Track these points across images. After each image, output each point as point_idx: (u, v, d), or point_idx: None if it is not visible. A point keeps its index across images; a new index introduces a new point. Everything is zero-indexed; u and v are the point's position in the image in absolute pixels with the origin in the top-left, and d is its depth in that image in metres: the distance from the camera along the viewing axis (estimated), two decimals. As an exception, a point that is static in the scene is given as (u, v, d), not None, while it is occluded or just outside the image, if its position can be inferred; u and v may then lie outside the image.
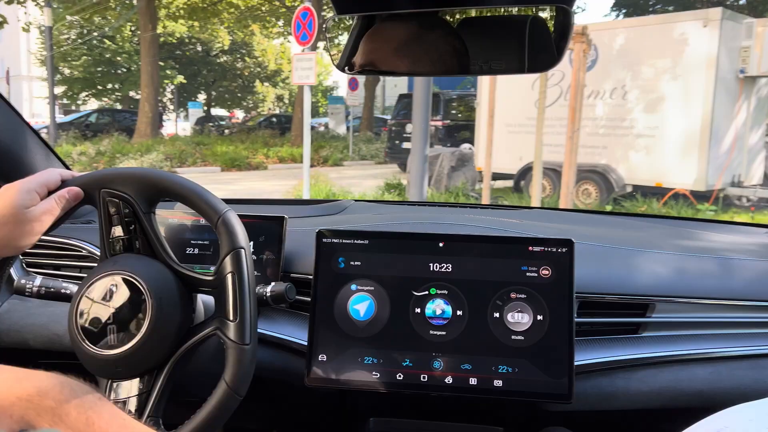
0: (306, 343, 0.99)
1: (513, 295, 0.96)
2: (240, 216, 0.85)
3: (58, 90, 25.76)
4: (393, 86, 31.88)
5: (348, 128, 16.18)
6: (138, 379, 0.81)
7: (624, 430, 1.16)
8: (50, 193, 0.80)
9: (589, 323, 1.00)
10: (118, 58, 23.97)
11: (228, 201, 0.94)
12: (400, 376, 0.96)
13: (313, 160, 13.90)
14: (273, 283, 0.92)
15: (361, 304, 1.00)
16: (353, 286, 1.00)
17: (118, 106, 23.55)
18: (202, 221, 1.04)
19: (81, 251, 1.20)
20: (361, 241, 1.02)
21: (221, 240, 0.80)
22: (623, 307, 1.02)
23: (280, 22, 19.71)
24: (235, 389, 0.78)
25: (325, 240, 1.02)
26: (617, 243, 1.14)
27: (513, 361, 0.94)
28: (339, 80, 33.91)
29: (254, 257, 0.94)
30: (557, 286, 0.96)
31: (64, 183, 0.83)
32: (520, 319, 0.96)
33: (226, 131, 19.55)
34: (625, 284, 1.03)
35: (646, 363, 0.99)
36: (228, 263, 0.81)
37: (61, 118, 20.58)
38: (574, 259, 0.96)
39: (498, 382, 0.94)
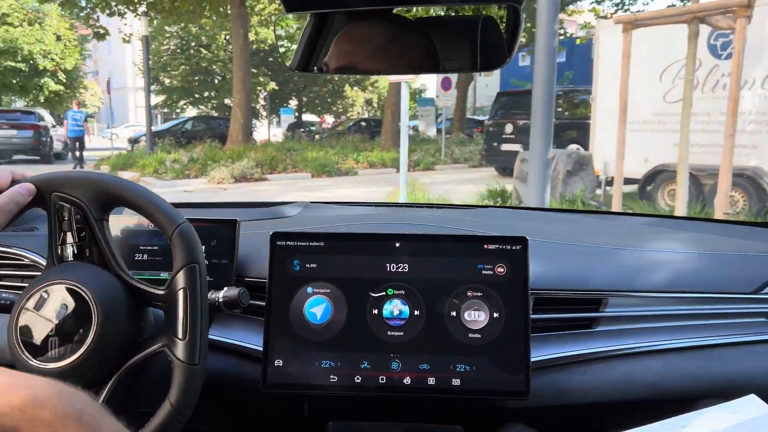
0: (261, 349, 0.96)
1: (469, 294, 0.98)
2: (191, 220, 0.82)
3: (158, 99, 26.31)
4: (484, 86, 30.53)
5: (439, 131, 15.26)
6: None
7: (581, 425, 1.13)
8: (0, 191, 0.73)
9: (544, 319, 1.02)
10: (214, 67, 24.65)
11: (178, 205, 0.95)
12: (358, 378, 0.95)
13: (405, 164, 12.92)
14: (225, 288, 0.90)
15: (317, 307, 0.99)
16: (309, 289, 0.99)
17: (214, 114, 24.09)
18: (152, 226, 0.94)
19: (23, 260, 1.15)
20: (317, 243, 1.01)
21: (175, 253, 0.78)
22: (577, 302, 1.04)
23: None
24: (180, 411, 0.76)
25: (279, 242, 1.00)
26: (571, 240, 1.16)
27: (470, 359, 0.95)
28: (427, 82, 32.94)
29: (206, 262, 0.86)
30: (512, 284, 0.97)
31: (14, 182, 0.78)
32: (476, 317, 0.97)
33: (317, 136, 19.12)
34: (578, 280, 1.05)
35: (600, 357, 1.00)
36: (181, 278, 0.78)
37: (159, 126, 20.76)
38: (528, 256, 0.97)
39: (456, 381, 0.95)
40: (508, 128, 11.47)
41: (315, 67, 0.96)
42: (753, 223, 1.61)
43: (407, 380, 0.96)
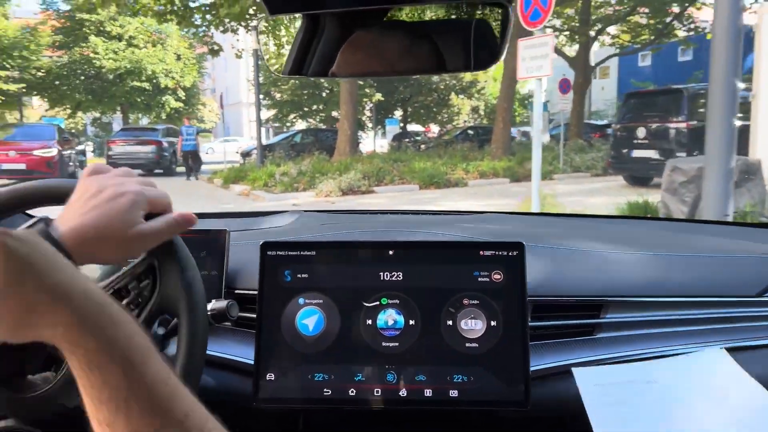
0: (252, 362, 0.94)
1: (465, 302, 0.95)
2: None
3: (270, 113, 26.84)
4: (600, 89, 28.57)
5: (555, 137, 14.13)
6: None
7: None
8: (156, 214, 0.69)
9: (542, 327, 0.99)
10: (322, 80, 24.47)
11: None
12: (352, 391, 0.93)
13: (519, 174, 12.04)
14: (213, 301, 0.88)
15: (309, 319, 0.96)
16: (301, 300, 0.97)
17: (322, 126, 24.69)
18: None
19: None
20: (308, 253, 0.98)
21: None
22: (577, 308, 1.01)
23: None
24: None
25: (269, 252, 0.98)
26: (570, 244, 1.14)
27: (468, 369, 0.93)
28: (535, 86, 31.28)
29: None
30: (510, 290, 0.95)
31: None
32: (473, 325, 0.95)
33: (422, 146, 18.48)
34: (577, 285, 1.03)
35: (601, 365, 0.96)
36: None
37: (269, 139, 21.16)
38: (525, 261, 0.95)
39: (453, 392, 0.93)
40: (640, 132, 10.21)
41: (308, 72, 0.98)
42: (757, 224, 1.44)
43: (403, 392, 0.93)
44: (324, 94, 24.43)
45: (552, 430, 1.05)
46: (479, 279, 0.97)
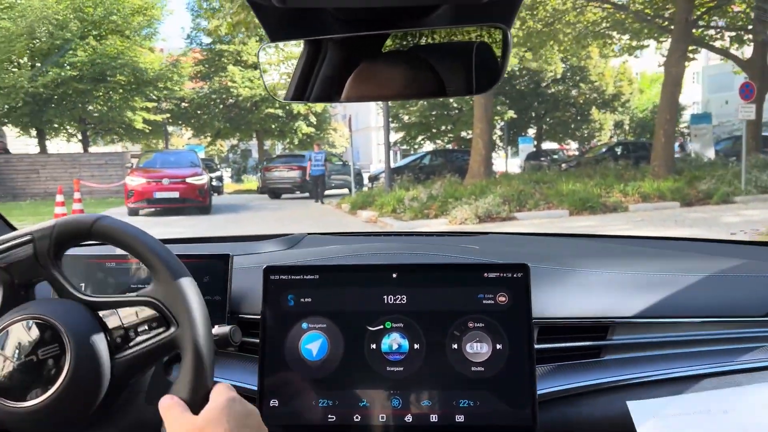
0: (256, 389, 0.95)
1: (471, 325, 0.95)
2: (181, 256, 0.80)
3: (398, 136, 25.96)
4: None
5: (717, 152, 11.63)
6: None
7: None
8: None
9: (549, 349, 0.99)
10: (451, 99, 23.12)
11: (167, 241, 0.99)
12: (357, 417, 0.93)
13: (690, 196, 9.82)
14: (216, 326, 0.85)
15: (313, 344, 0.96)
16: (304, 325, 0.97)
17: (450, 147, 24.25)
18: (132, 264, 1.04)
19: None
20: (311, 276, 0.99)
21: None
22: (583, 330, 1.00)
23: (626, 37, 16.14)
24: None
25: (272, 277, 0.99)
26: (575, 265, 1.13)
27: (474, 393, 0.93)
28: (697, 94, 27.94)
29: None
30: (515, 313, 0.95)
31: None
32: (479, 349, 0.95)
33: (563, 165, 16.42)
34: (583, 307, 1.01)
35: (609, 387, 0.96)
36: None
37: (397, 162, 20.19)
38: (530, 283, 0.95)
39: (460, 417, 0.93)
40: None
41: (309, 97, 0.99)
42: (763, 243, 1.44)
43: (408, 418, 0.93)
44: (452, 114, 23.96)
45: None
46: (484, 301, 0.96)
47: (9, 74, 18.01)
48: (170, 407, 0.69)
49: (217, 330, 0.85)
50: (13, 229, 1.36)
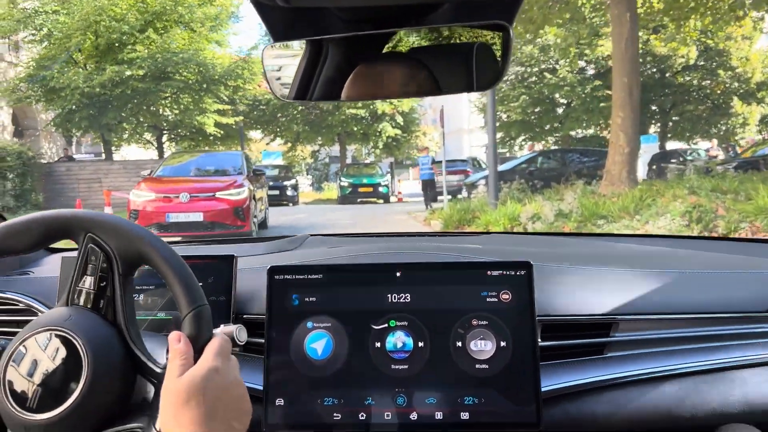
0: (261, 388, 0.97)
1: (474, 322, 0.97)
2: (186, 257, 0.81)
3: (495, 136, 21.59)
4: None
5: None
6: None
7: None
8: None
9: (553, 347, 1.01)
10: (557, 95, 21.30)
11: (170, 242, 0.98)
12: (362, 415, 0.95)
13: None
14: (222, 326, 0.85)
15: (318, 342, 0.98)
16: (309, 324, 0.99)
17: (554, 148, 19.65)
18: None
19: (18, 305, 1.16)
20: (316, 276, 1.00)
21: (184, 329, 0.76)
22: (586, 327, 1.02)
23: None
24: None
25: (277, 277, 1.00)
26: (577, 263, 1.15)
27: (478, 391, 0.96)
28: None
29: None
30: (518, 310, 0.97)
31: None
32: (483, 346, 0.96)
33: (718, 168, 11.85)
34: (587, 304, 1.03)
35: (613, 384, 0.98)
36: None
37: (499, 166, 16.52)
38: (533, 281, 0.97)
39: (465, 415, 0.95)
40: None
41: (312, 96, 1.02)
42: (763, 240, 1.49)
43: (414, 416, 0.95)
44: (559, 111, 21.30)
45: None
46: (488, 299, 0.98)
47: (65, 74, 15.90)
48: (174, 357, 0.71)
49: (222, 329, 0.85)
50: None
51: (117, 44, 16.72)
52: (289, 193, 18.13)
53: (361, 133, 23.47)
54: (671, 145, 23.53)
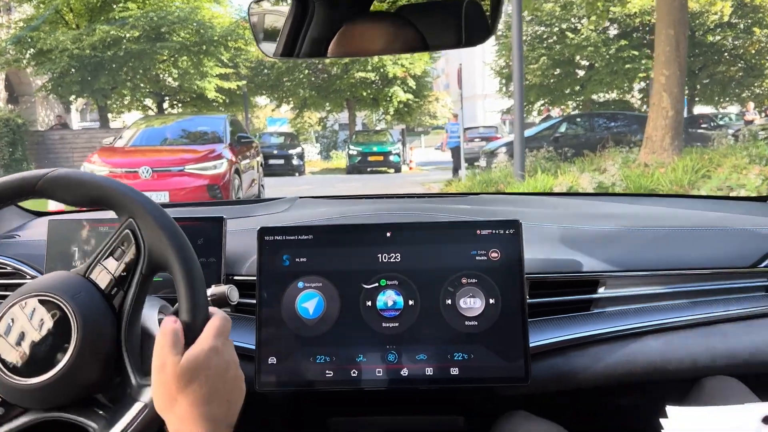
0: (254, 347, 0.99)
1: (464, 281, 0.99)
2: (177, 219, 0.79)
3: (510, 102, 20.15)
4: None
5: None
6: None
7: (583, 410, 1.16)
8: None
9: (540, 303, 1.04)
10: (578, 57, 19.91)
11: (162, 205, 0.99)
12: (354, 372, 0.97)
13: None
14: (213, 286, 0.87)
15: (309, 302, 0.99)
16: (300, 284, 1.00)
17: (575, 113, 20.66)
18: None
19: (5, 268, 1.15)
20: (306, 237, 1.01)
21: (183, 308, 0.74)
22: (574, 285, 1.05)
23: None
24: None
25: (267, 238, 1.01)
26: (565, 222, 1.18)
27: (468, 347, 0.98)
28: None
29: None
30: (507, 268, 0.99)
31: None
32: (472, 304, 0.98)
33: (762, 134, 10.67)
34: (574, 262, 1.05)
35: (599, 339, 1.01)
36: None
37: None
38: (522, 239, 0.99)
39: (454, 370, 0.97)
40: None
41: (299, 53, 1.03)
42: (748, 198, 1.50)
43: (405, 372, 0.97)
44: (580, 74, 19.99)
45: (552, 404, 1.10)
46: (477, 258, 0.99)
47: (53, 35, 14.72)
48: (165, 335, 0.69)
49: (213, 290, 0.87)
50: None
51: (108, 1, 15.89)
52: (295, 162, 17.41)
53: (371, 98, 22.57)
54: (698, 109, 22.05)
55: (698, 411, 0.82)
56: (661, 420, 0.81)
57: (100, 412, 0.73)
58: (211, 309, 0.73)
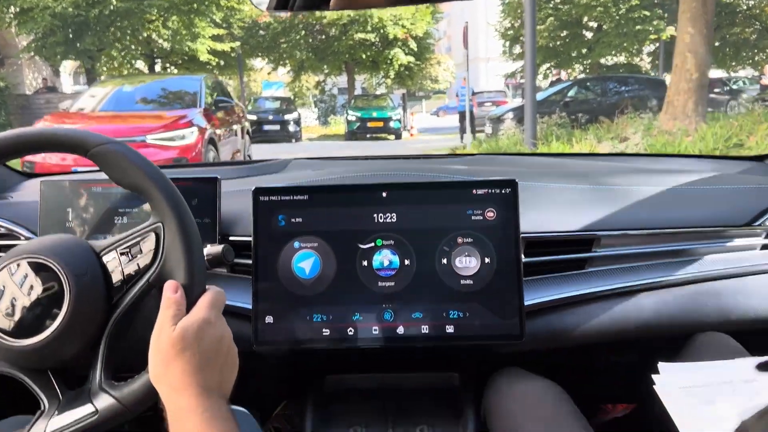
0: (250, 307, 1.00)
1: (460, 240, 0.99)
2: (171, 179, 0.80)
3: (517, 65, 19.61)
4: None
5: None
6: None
7: (576, 367, 1.17)
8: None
9: (536, 263, 1.05)
10: (586, 18, 18.97)
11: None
12: (351, 330, 0.98)
13: None
14: (209, 246, 0.91)
15: (305, 262, 0.99)
16: (296, 244, 1.00)
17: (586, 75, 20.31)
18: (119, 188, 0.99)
19: None
20: (301, 197, 1.00)
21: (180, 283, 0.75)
22: (569, 244, 1.06)
23: None
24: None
25: (262, 198, 1.01)
26: (561, 181, 1.19)
27: (463, 305, 0.99)
28: None
29: None
30: (503, 228, 1.00)
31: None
32: (468, 263, 0.99)
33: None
34: (569, 221, 1.07)
35: (593, 297, 1.03)
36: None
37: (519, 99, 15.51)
38: (518, 199, 1.00)
39: (450, 328, 0.98)
40: None
41: (293, 6, 0.96)
42: (745, 157, 1.49)
43: (401, 330, 0.98)
44: (589, 36, 19.15)
45: (546, 362, 1.11)
46: (473, 217, 0.99)
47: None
48: (168, 306, 0.70)
49: (209, 249, 0.87)
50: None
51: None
52: (291, 128, 16.70)
53: (370, 60, 21.70)
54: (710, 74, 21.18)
55: (690, 366, 0.84)
56: (653, 376, 0.83)
57: (59, 393, 0.74)
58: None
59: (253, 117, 16.18)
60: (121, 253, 0.73)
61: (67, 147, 0.74)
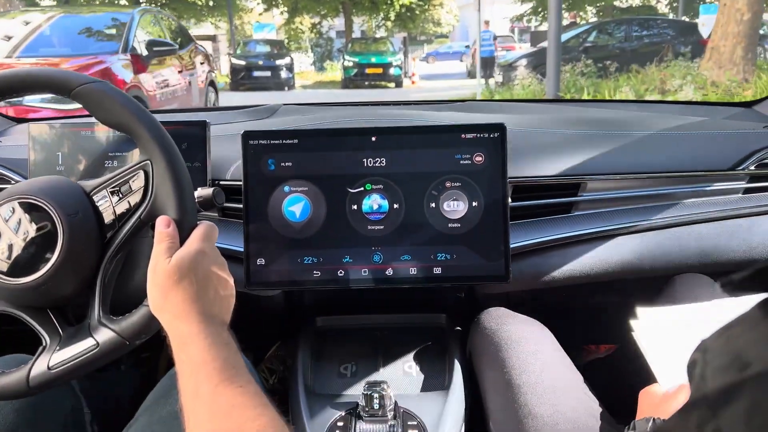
0: (242, 249, 1.05)
1: (448, 184, 1.03)
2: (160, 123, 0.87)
3: (525, 7, 20.91)
4: None
5: None
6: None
7: (559, 308, 1.24)
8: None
9: (523, 207, 1.10)
10: None
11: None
12: (341, 272, 1.03)
13: None
14: (199, 189, 0.89)
15: (296, 206, 1.02)
16: (286, 188, 1.03)
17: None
18: (114, 132, 1.08)
19: None
20: (291, 141, 1.02)
21: (172, 217, 0.77)
22: (556, 188, 1.10)
23: None
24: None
25: (251, 142, 1.03)
26: (550, 126, 1.22)
27: (451, 248, 1.04)
28: None
29: None
30: (491, 172, 1.03)
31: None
32: (455, 207, 1.03)
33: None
34: (556, 165, 1.10)
35: (578, 240, 1.07)
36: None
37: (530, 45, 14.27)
38: (506, 143, 1.03)
39: (437, 270, 1.03)
40: None
41: None
42: (731, 103, 1.50)
43: (389, 271, 1.02)
44: None
45: (530, 303, 1.17)
46: (461, 162, 1.02)
47: None
48: (161, 240, 0.72)
49: (200, 192, 0.87)
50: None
51: None
52: (283, 74, 15.59)
53: (370, 2, 20.43)
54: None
55: (665, 310, 0.89)
56: (631, 321, 0.89)
57: (59, 329, 0.78)
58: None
59: (242, 62, 15.22)
60: (111, 192, 0.76)
61: (48, 87, 0.77)
